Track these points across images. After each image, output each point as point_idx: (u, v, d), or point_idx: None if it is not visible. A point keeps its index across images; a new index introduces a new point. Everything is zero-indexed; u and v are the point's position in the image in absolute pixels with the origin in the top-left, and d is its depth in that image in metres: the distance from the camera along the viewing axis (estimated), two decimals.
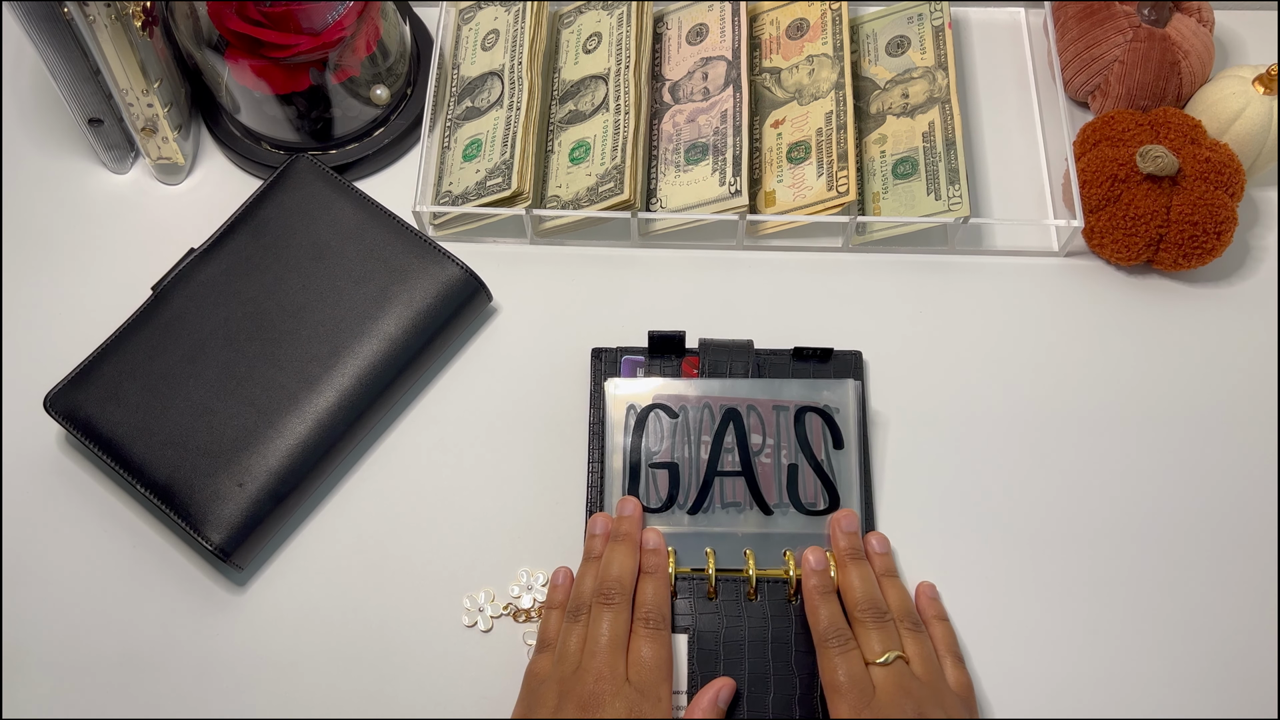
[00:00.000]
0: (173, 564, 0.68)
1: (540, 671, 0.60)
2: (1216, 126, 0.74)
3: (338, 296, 0.71)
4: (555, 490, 0.69)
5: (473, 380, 0.73)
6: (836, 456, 0.66)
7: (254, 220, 0.73)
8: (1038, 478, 0.69)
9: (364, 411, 0.69)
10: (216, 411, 0.67)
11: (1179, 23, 0.76)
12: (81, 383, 0.69)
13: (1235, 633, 0.65)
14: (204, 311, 0.71)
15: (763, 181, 0.76)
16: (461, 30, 0.83)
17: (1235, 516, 0.68)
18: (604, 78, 0.78)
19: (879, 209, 0.75)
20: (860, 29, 0.82)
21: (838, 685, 0.57)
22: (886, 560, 0.64)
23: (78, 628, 0.66)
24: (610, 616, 0.59)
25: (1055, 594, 0.66)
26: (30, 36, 0.70)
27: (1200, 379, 0.71)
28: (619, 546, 0.63)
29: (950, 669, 0.61)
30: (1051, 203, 0.77)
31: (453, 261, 0.72)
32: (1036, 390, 0.71)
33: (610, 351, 0.71)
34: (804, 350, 0.70)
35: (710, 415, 0.67)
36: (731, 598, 0.63)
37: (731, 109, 0.76)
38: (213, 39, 0.73)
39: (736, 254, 0.76)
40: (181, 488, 0.66)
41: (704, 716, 0.58)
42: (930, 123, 0.76)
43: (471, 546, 0.68)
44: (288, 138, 0.78)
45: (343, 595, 0.67)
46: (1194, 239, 0.71)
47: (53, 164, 0.81)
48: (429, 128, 0.79)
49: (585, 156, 0.75)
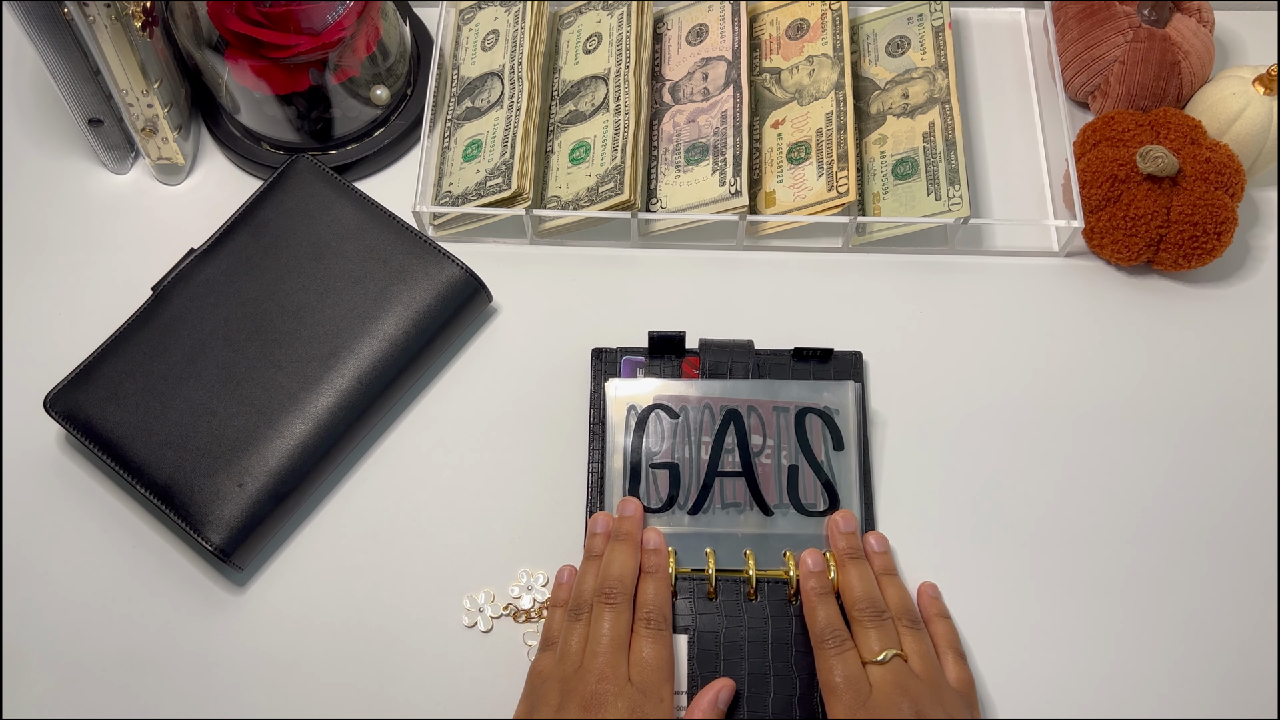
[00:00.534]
0: (173, 564, 0.68)
1: (543, 670, 0.60)
2: (1216, 127, 0.74)
3: (338, 297, 0.71)
4: (555, 490, 0.69)
5: (473, 380, 0.73)
6: (836, 458, 0.66)
7: (254, 220, 0.73)
8: (1037, 478, 0.69)
9: (364, 411, 0.69)
10: (216, 412, 0.67)
11: (1179, 23, 0.76)
12: (81, 383, 0.69)
13: (1235, 632, 0.65)
14: (204, 312, 0.71)
15: (763, 182, 0.76)
16: (461, 30, 0.83)
17: (1235, 516, 0.68)
18: (604, 78, 0.78)
19: (879, 209, 0.75)
20: (860, 29, 0.82)
21: (834, 686, 0.58)
22: (885, 559, 0.65)
23: (78, 628, 0.66)
24: (612, 616, 0.59)
25: (1055, 594, 0.66)
26: (30, 36, 0.70)
27: (1200, 379, 0.71)
28: (620, 546, 0.63)
29: (951, 666, 0.61)
30: (1051, 203, 0.77)
31: (453, 262, 0.72)
32: (1036, 390, 0.71)
33: (610, 352, 0.71)
34: (804, 351, 0.70)
35: (711, 416, 0.67)
36: (731, 598, 0.63)
37: (731, 109, 0.76)
38: (213, 39, 0.73)
39: (736, 254, 0.76)
40: (181, 488, 0.66)
41: (704, 717, 0.59)
42: (930, 123, 0.76)
43: (471, 546, 0.68)
44: (288, 138, 0.78)
45: (343, 595, 0.67)
46: (1194, 239, 0.71)
47: (53, 164, 0.81)
48: (429, 128, 0.79)
49: (585, 157, 0.75)
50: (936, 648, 0.62)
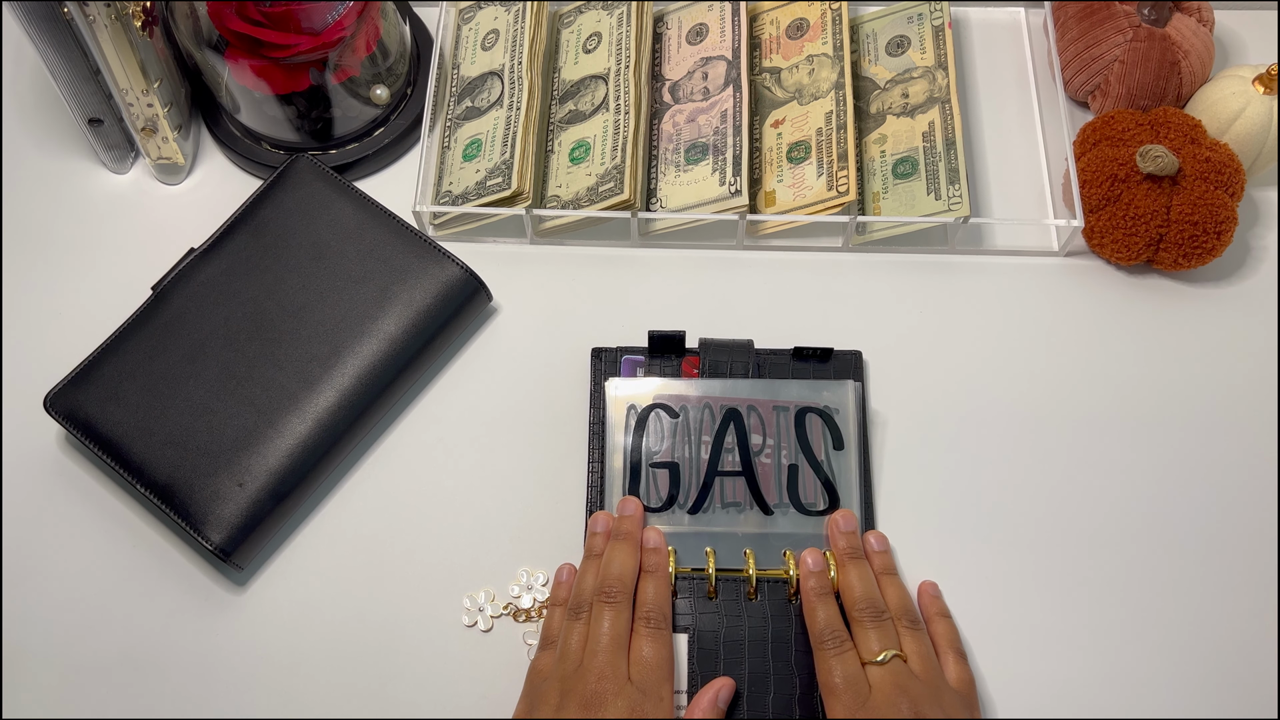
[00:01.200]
0: (173, 564, 0.68)
1: (543, 669, 0.60)
2: (1216, 126, 0.74)
3: (338, 296, 0.71)
4: (555, 490, 0.69)
5: (473, 380, 0.73)
6: (836, 457, 0.66)
7: (254, 220, 0.73)
8: (1037, 477, 0.69)
9: (364, 411, 0.69)
10: (216, 411, 0.67)
11: (1179, 22, 0.76)
12: (81, 383, 0.69)
13: (1235, 632, 0.65)
14: (204, 311, 0.71)
15: (763, 181, 0.76)
16: (461, 30, 0.83)
17: (1235, 516, 0.68)
18: (604, 78, 0.78)
19: (879, 209, 0.75)
20: (860, 29, 0.82)
21: (833, 686, 0.58)
22: (885, 559, 0.65)
23: (78, 627, 0.66)
24: (611, 615, 0.59)
25: (1055, 593, 0.66)
26: (30, 36, 0.70)
27: (1200, 379, 0.71)
28: (620, 545, 0.63)
29: (952, 665, 0.61)
30: (1051, 203, 0.77)
31: (453, 261, 0.72)
32: (1036, 390, 0.71)
33: (610, 351, 0.71)
34: (804, 350, 0.70)
35: (711, 415, 0.67)
36: (731, 598, 0.63)
37: (731, 109, 0.76)
38: (213, 39, 0.73)
39: (736, 254, 0.76)
40: (181, 488, 0.66)
41: (704, 716, 0.59)
42: (930, 122, 0.76)
43: (471, 546, 0.68)
44: (288, 138, 0.79)
45: (343, 595, 0.67)
46: (1194, 239, 0.71)
47: (53, 164, 0.81)
48: (429, 128, 0.79)
49: (585, 156, 0.75)
50: (937, 647, 0.62)
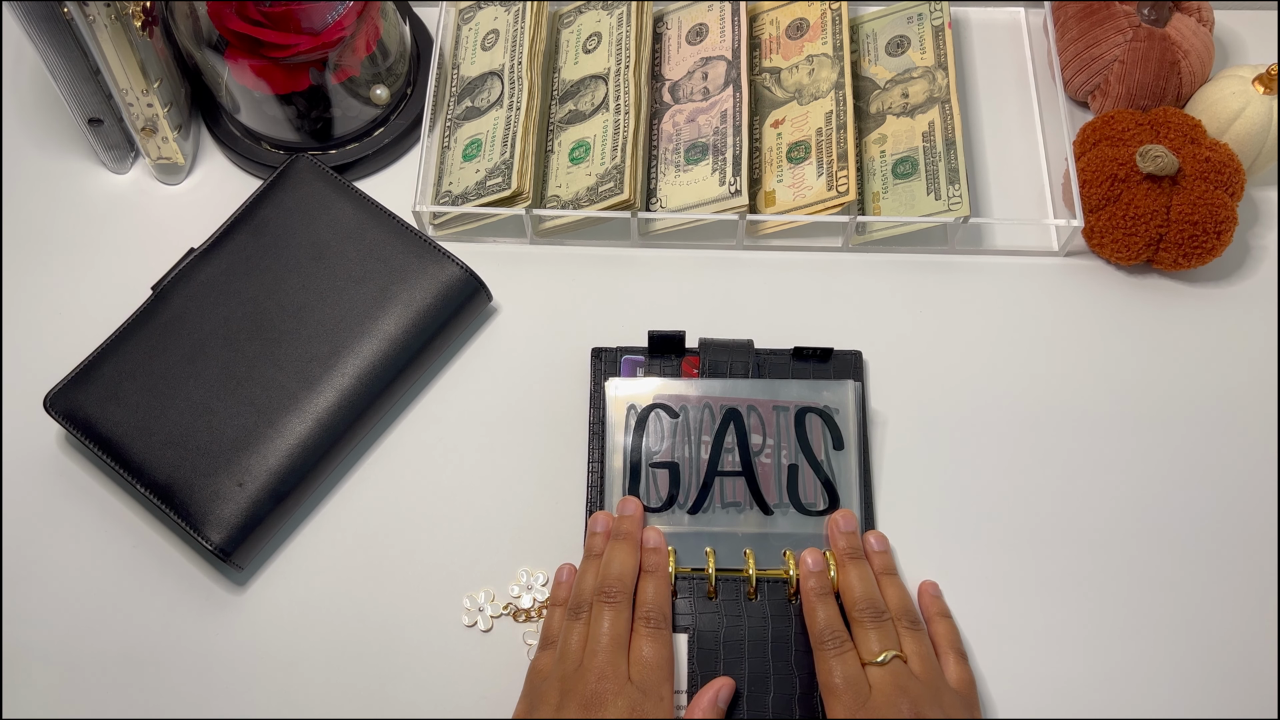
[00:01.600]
0: (173, 564, 0.68)
1: (543, 669, 0.60)
2: (1216, 126, 0.74)
3: (338, 296, 0.71)
4: (555, 490, 0.69)
5: (473, 380, 0.73)
6: (836, 457, 0.66)
7: (254, 220, 0.73)
8: (1037, 477, 0.69)
9: (364, 411, 0.69)
10: (216, 411, 0.67)
11: (1179, 22, 0.76)
12: (81, 383, 0.69)
13: (1235, 632, 0.65)
14: (204, 311, 0.71)
15: (763, 181, 0.76)
16: (461, 30, 0.83)
17: (1235, 516, 0.68)
18: (604, 78, 0.78)
19: (879, 209, 0.75)
20: (860, 29, 0.82)
21: (833, 687, 0.58)
22: (885, 559, 0.64)
23: (78, 627, 0.66)
24: (611, 615, 0.59)
25: (1055, 593, 0.66)
26: (30, 36, 0.70)
27: (1200, 379, 0.71)
28: (620, 545, 0.63)
29: (952, 666, 0.61)
30: (1051, 202, 0.77)
31: (453, 261, 0.72)
32: (1036, 390, 0.71)
33: (610, 351, 0.71)
34: (804, 350, 0.70)
35: (710, 415, 0.67)
36: (731, 597, 0.63)
37: (731, 109, 0.76)
38: (213, 39, 0.73)
39: (736, 254, 0.76)
40: (181, 488, 0.66)
41: (704, 716, 0.59)
42: (930, 122, 0.76)
43: (471, 546, 0.68)
44: (288, 138, 0.79)
45: (343, 595, 0.67)
46: (1194, 239, 0.71)
47: (53, 164, 0.81)
48: (429, 128, 0.79)
49: (585, 156, 0.76)
50: (937, 647, 0.62)
